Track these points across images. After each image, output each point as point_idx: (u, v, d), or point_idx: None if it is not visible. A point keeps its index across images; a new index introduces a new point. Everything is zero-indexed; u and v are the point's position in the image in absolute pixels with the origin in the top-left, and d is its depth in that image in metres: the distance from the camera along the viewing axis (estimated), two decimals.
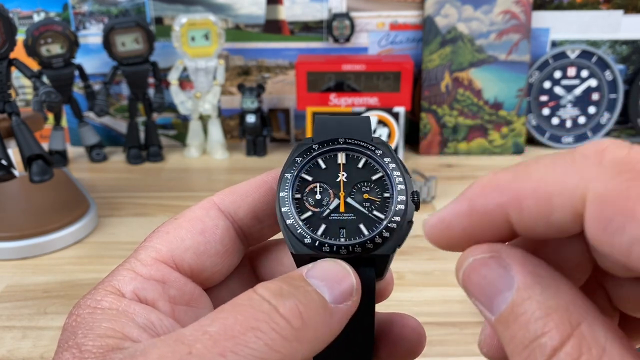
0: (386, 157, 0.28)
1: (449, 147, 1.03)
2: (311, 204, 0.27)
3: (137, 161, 1.01)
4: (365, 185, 0.28)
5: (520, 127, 1.02)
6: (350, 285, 0.24)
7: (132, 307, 0.24)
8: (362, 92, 0.97)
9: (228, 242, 0.28)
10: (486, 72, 1.00)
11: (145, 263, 0.26)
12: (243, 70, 1.06)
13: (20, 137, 0.67)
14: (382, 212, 0.27)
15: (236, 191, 0.29)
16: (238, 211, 0.29)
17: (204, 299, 0.28)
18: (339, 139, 0.29)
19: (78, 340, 0.22)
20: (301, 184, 0.28)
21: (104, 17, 1.03)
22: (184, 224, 0.28)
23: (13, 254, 0.69)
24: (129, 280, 0.25)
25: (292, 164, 0.28)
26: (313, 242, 0.26)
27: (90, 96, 0.99)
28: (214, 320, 0.21)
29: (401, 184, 0.27)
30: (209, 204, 0.29)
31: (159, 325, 0.24)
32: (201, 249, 0.27)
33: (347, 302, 0.24)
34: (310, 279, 0.24)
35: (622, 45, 1.03)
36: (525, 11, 0.98)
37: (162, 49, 1.03)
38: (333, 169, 0.28)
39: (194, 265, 0.27)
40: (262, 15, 1.03)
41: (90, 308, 0.24)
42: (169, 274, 0.26)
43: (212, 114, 1.01)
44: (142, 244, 0.27)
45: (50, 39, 0.91)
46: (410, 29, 1.03)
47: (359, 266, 0.26)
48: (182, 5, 1.02)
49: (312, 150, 0.29)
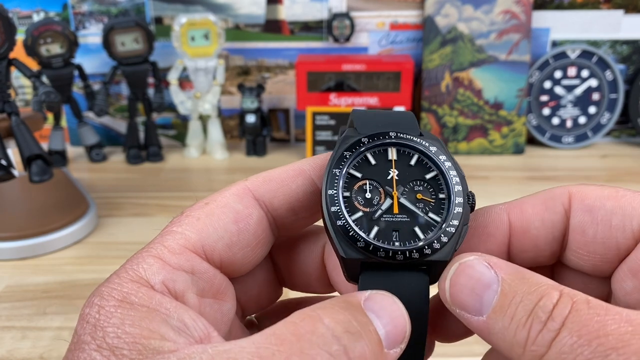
0: (441, 155, 0.26)
1: (449, 147, 1.03)
2: (361, 204, 0.25)
3: (136, 161, 1.01)
4: (418, 184, 0.26)
5: (520, 127, 1.02)
6: (404, 330, 0.22)
7: (164, 304, 0.22)
8: (362, 92, 0.97)
9: (261, 233, 0.26)
10: (486, 72, 1.00)
11: (173, 251, 0.24)
12: (243, 70, 1.06)
13: (20, 137, 0.67)
14: (437, 214, 0.25)
15: (272, 178, 0.27)
16: (273, 201, 0.26)
17: (230, 292, 0.26)
18: (389, 133, 0.26)
19: (109, 340, 0.20)
20: (349, 181, 0.25)
21: (103, 16, 1.03)
22: (216, 211, 0.25)
23: (12, 254, 0.69)
24: (158, 269, 0.23)
25: (340, 158, 0.25)
26: (367, 246, 0.24)
27: (90, 96, 0.98)
28: (275, 355, 0.19)
29: (458, 185, 0.25)
30: (242, 190, 0.26)
31: (193, 327, 0.21)
32: (233, 240, 0.25)
33: (395, 349, 0.22)
34: (369, 313, 0.22)
35: (622, 45, 1.03)
36: (525, 11, 0.98)
37: (162, 49, 1.03)
38: (383, 165, 0.26)
39: (224, 257, 0.25)
40: (262, 15, 1.03)
41: (117, 301, 0.21)
42: (198, 265, 0.24)
43: (212, 114, 1.01)
44: (169, 228, 0.25)
45: (50, 38, 0.91)
46: (411, 28, 1.02)
47: (412, 271, 0.24)
48: (182, 5, 1.02)
49: (361, 144, 0.26)
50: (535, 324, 0.21)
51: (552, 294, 0.21)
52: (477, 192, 0.26)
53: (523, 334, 0.21)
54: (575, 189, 0.26)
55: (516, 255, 0.27)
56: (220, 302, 0.25)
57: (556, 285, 0.22)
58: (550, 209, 0.26)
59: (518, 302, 0.21)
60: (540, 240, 0.26)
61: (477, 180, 0.92)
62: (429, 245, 0.24)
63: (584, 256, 0.26)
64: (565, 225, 0.26)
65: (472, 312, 0.22)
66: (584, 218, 0.25)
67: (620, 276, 0.25)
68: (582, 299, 0.21)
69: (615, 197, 0.25)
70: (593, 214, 0.25)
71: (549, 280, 0.22)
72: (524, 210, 0.26)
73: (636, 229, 0.24)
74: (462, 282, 0.23)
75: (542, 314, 0.20)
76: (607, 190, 0.25)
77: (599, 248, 0.25)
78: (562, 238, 0.26)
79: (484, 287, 0.22)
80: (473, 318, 0.22)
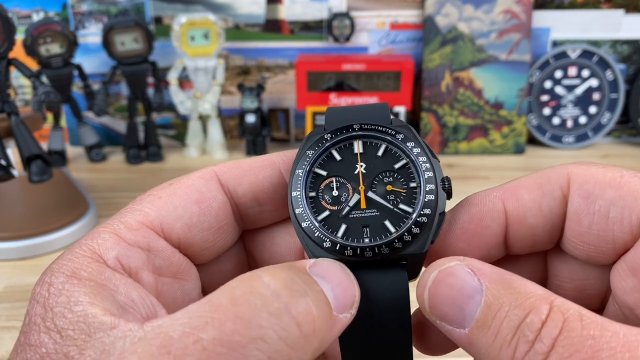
0: (409, 142, 0.25)
1: (450, 147, 1.03)
2: (328, 202, 0.24)
3: (136, 161, 1.01)
4: (387, 175, 0.25)
5: (521, 126, 1.02)
6: (353, 294, 0.22)
7: (114, 280, 0.21)
8: (362, 91, 0.96)
9: (224, 218, 0.26)
10: (487, 71, 1.00)
11: (130, 227, 0.23)
12: (243, 70, 1.06)
13: (20, 137, 0.67)
14: (409, 204, 0.24)
15: (240, 166, 0.26)
16: (238, 188, 0.26)
17: (192, 272, 0.25)
18: (353, 125, 0.25)
19: (57, 321, 0.19)
20: (315, 180, 0.25)
21: (103, 16, 1.02)
22: (178, 191, 0.25)
23: (12, 254, 0.69)
24: (112, 245, 0.22)
25: (302, 158, 0.25)
26: (333, 245, 0.23)
27: (90, 96, 0.98)
28: (208, 324, 0.18)
29: (429, 171, 0.24)
30: (209, 173, 0.26)
31: (140, 304, 0.21)
32: (194, 221, 0.25)
33: (346, 314, 0.21)
34: (316, 277, 0.21)
35: (623, 44, 1.03)
36: (525, 11, 0.98)
37: (162, 49, 1.03)
38: (349, 160, 0.25)
39: (183, 237, 0.24)
40: (262, 15, 1.03)
41: (65, 276, 0.21)
42: (155, 242, 0.24)
43: (212, 114, 1.01)
44: (130, 205, 0.25)
45: (50, 38, 0.91)
46: (411, 28, 1.02)
47: (387, 268, 0.23)
48: (182, 4, 1.02)
49: (324, 140, 0.25)
50: (521, 344, 0.19)
51: (541, 307, 0.19)
52: None
53: (508, 353, 0.19)
54: (575, 170, 0.24)
55: (513, 244, 0.26)
56: (181, 282, 0.25)
57: (546, 296, 0.20)
58: (547, 194, 0.24)
59: (503, 317, 0.19)
60: (537, 228, 0.25)
61: (478, 180, 0.92)
62: (399, 238, 0.23)
63: (578, 245, 0.24)
64: (563, 211, 0.24)
65: (454, 324, 0.21)
66: (581, 206, 0.24)
67: (620, 273, 0.23)
68: (575, 315, 0.19)
69: (618, 184, 0.23)
70: (590, 202, 0.23)
71: (538, 289, 0.20)
72: (520, 197, 0.25)
73: (635, 223, 0.22)
74: (442, 293, 0.21)
75: (528, 333, 0.19)
76: (609, 174, 0.23)
77: (594, 240, 0.23)
78: (561, 225, 0.25)
79: (466, 298, 0.20)
80: (455, 330, 0.21)
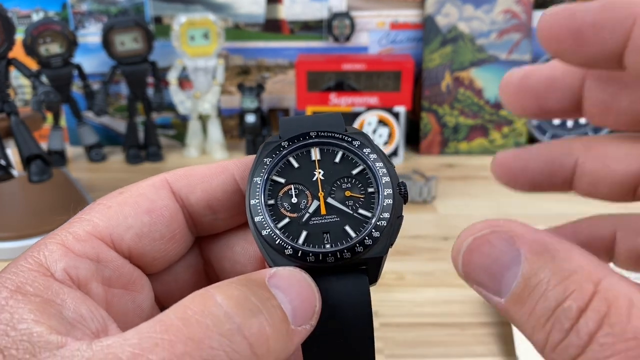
0: (365, 148, 0.25)
1: (450, 147, 1.03)
2: (287, 210, 0.24)
3: (136, 161, 1.01)
4: (345, 181, 0.25)
5: (521, 126, 1.02)
6: (313, 305, 0.21)
7: (62, 294, 0.20)
8: (362, 91, 0.96)
9: (176, 227, 0.25)
10: (487, 71, 1.00)
11: (78, 237, 0.23)
12: (242, 70, 1.06)
13: (19, 137, 0.67)
14: (368, 209, 0.24)
15: (193, 174, 0.26)
16: (190, 196, 0.25)
17: (144, 283, 0.25)
18: (310, 133, 0.26)
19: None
20: (273, 188, 0.25)
21: (103, 16, 1.02)
22: (129, 200, 0.24)
23: (12, 254, 0.69)
24: (60, 256, 0.22)
25: (260, 166, 0.25)
26: (295, 252, 0.23)
27: (89, 96, 0.98)
28: (158, 345, 0.17)
29: (385, 176, 0.25)
30: (160, 182, 0.25)
31: (90, 319, 0.20)
32: (144, 231, 0.24)
33: (306, 325, 0.21)
34: (274, 290, 0.21)
35: None
36: (526, 10, 0.98)
37: (162, 49, 1.03)
38: (307, 167, 0.25)
39: (133, 248, 0.24)
40: (262, 15, 1.03)
41: (9, 291, 0.20)
42: (104, 253, 0.23)
43: (212, 114, 1.01)
44: (78, 215, 0.24)
45: (49, 38, 0.91)
46: (411, 28, 1.02)
47: (348, 273, 0.23)
48: (182, 4, 1.02)
49: (282, 148, 0.25)
50: (555, 332, 0.17)
51: (584, 289, 0.17)
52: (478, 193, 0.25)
53: (540, 337, 0.17)
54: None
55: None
56: (132, 293, 0.24)
57: (593, 273, 0.17)
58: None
59: (539, 296, 0.17)
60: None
61: (478, 181, 0.92)
62: (360, 242, 0.23)
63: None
64: None
65: (491, 291, 0.19)
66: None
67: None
68: (624, 303, 0.16)
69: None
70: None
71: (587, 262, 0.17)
72: None
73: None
74: (477, 261, 0.19)
75: (564, 320, 0.17)
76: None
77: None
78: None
79: (502, 269, 0.19)
80: (491, 297, 0.19)
